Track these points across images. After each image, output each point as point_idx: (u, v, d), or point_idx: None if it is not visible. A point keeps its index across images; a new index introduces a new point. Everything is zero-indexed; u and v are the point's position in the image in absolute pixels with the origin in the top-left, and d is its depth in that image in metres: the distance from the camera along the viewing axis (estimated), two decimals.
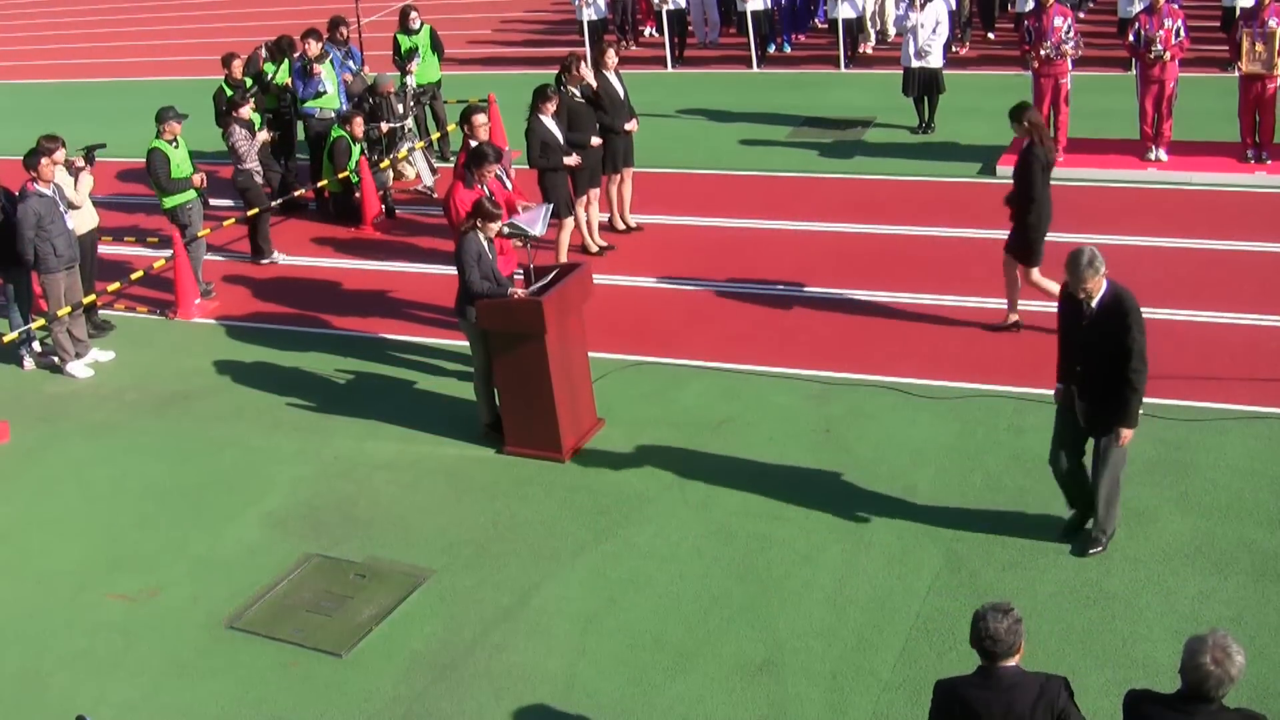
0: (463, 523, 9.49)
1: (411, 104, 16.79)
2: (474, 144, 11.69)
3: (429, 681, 7.91)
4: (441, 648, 8.20)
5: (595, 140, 13.46)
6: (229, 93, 15.70)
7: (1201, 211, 13.73)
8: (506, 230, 10.52)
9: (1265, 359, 10.62)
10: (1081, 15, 20.26)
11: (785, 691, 7.50)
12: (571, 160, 13.14)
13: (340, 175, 15.64)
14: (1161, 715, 5.15)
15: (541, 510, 9.55)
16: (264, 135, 14.90)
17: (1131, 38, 14.75)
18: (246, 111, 14.66)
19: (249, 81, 16.14)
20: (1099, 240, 13.05)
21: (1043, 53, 14.90)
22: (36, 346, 12.94)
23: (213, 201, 15.34)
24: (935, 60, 16.84)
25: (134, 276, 13.66)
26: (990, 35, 21.85)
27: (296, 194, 16.13)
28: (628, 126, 14.02)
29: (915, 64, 16.88)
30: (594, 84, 13.60)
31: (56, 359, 12.65)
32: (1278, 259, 12.44)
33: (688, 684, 7.66)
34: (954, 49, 20.03)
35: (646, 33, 24.49)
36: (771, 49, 22.37)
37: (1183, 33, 14.42)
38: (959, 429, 10.03)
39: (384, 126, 16.28)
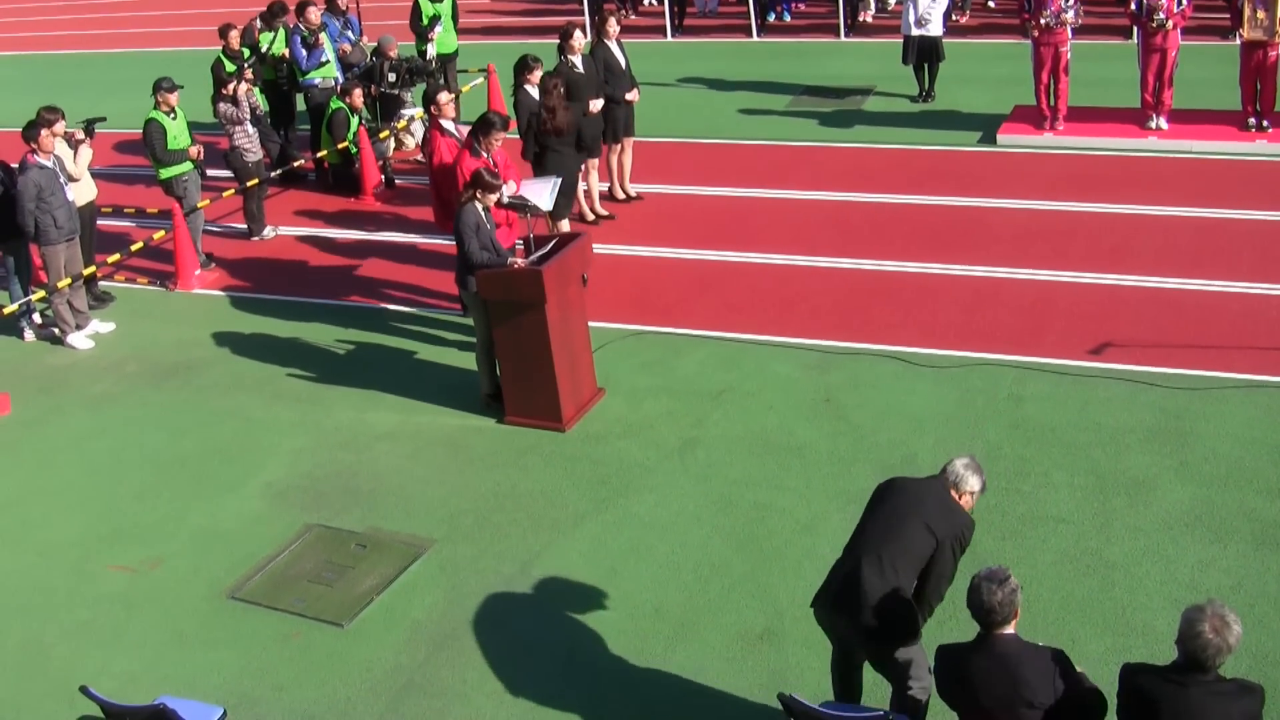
0: (463, 493, 9.51)
1: (406, 76, 16.67)
2: (444, 123, 11.72)
3: (430, 651, 7.94)
4: (442, 618, 8.22)
5: (595, 107, 13.42)
6: (226, 64, 15.64)
7: (1201, 180, 13.69)
8: (507, 201, 10.52)
9: (1265, 327, 10.62)
10: None
11: (786, 660, 7.52)
12: None
13: (339, 146, 15.60)
14: (1157, 686, 5.17)
15: (542, 480, 9.56)
16: (243, 88, 14.64)
17: (1133, 6, 14.66)
18: (231, 88, 14.57)
19: (246, 52, 16.07)
20: (1099, 209, 13.07)
21: (1043, 21, 14.83)
22: (37, 318, 12.93)
23: (210, 173, 15.30)
24: (935, 28, 16.77)
25: (134, 248, 13.64)
26: (990, 3, 21.78)
27: (295, 165, 16.10)
28: (629, 96, 13.98)
29: (915, 32, 16.82)
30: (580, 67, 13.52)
31: (57, 331, 12.64)
32: (1278, 227, 12.42)
33: (688, 653, 7.68)
34: (954, 17, 19.95)
35: (646, 1, 24.40)
36: (771, 17, 22.30)
37: (1184, 1, 14.35)
38: (959, 398, 10.04)
39: (374, 89, 16.23)
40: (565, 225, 12.35)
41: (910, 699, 6.28)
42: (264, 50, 16.32)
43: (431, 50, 17.11)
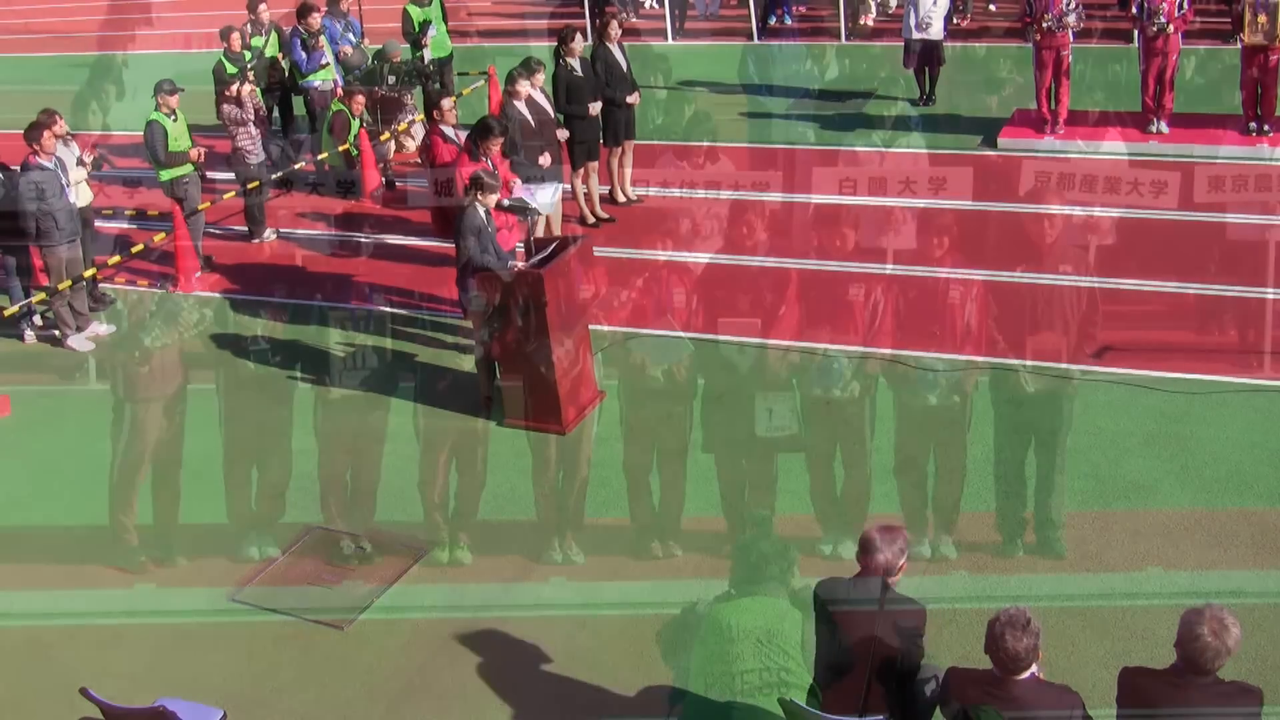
0: (463, 495, 9.50)
1: (406, 79, 16.65)
2: (444, 129, 11.72)
3: (430, 654, 7.94)
4: (442, 620, 8.22)
5: (593, 109, 13.42)
6: (228, 66, 15.64)
7: (1202, 184, 13.65)
8: (507, 204, 10.53)
9: (1265, 331, 10.61)
10: None
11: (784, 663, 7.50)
12: (561, 134, 13.16)
13: (340, 148, 15.60)
14: (1156, 689, 5.17)
15: (541, 482, 9.55)
16: (247, 89, 14.66)
17: (1134, 10, 14.69)
18: (235, 90, 14.59)
19: (248, 55, 16.07)
20: (1099, 213, 13.05)
21: (1044, 25, 14.83)
22: (37, 320, 12.92)
23: (211, 175, 15.30)
24: (936, 32, 16.76)
25: (134, 250, 13.63)
26: (992, 7, 21.73)
27: (296, 167, 16.10)
28: (629, 99, 13.98)
29: (916, 36, 16.81)
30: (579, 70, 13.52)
31: (57, 332, 12.64)
32: (1278, 231, 12.41)
33: (688, 655, 7.67)
34: (955, 21, 19.94)
35: (647, 4, 24.39)
36: (772, 20, 22.28)
37: (1185, 5, 14.36)
38: (959, 401, 10.02)
39: (378, 91, 16.25)
40: (556, 226, 12.31)
41: (919, 710, 6.28)
42: (259, 52, 16.31)
43: (427, 55, 17.11)
